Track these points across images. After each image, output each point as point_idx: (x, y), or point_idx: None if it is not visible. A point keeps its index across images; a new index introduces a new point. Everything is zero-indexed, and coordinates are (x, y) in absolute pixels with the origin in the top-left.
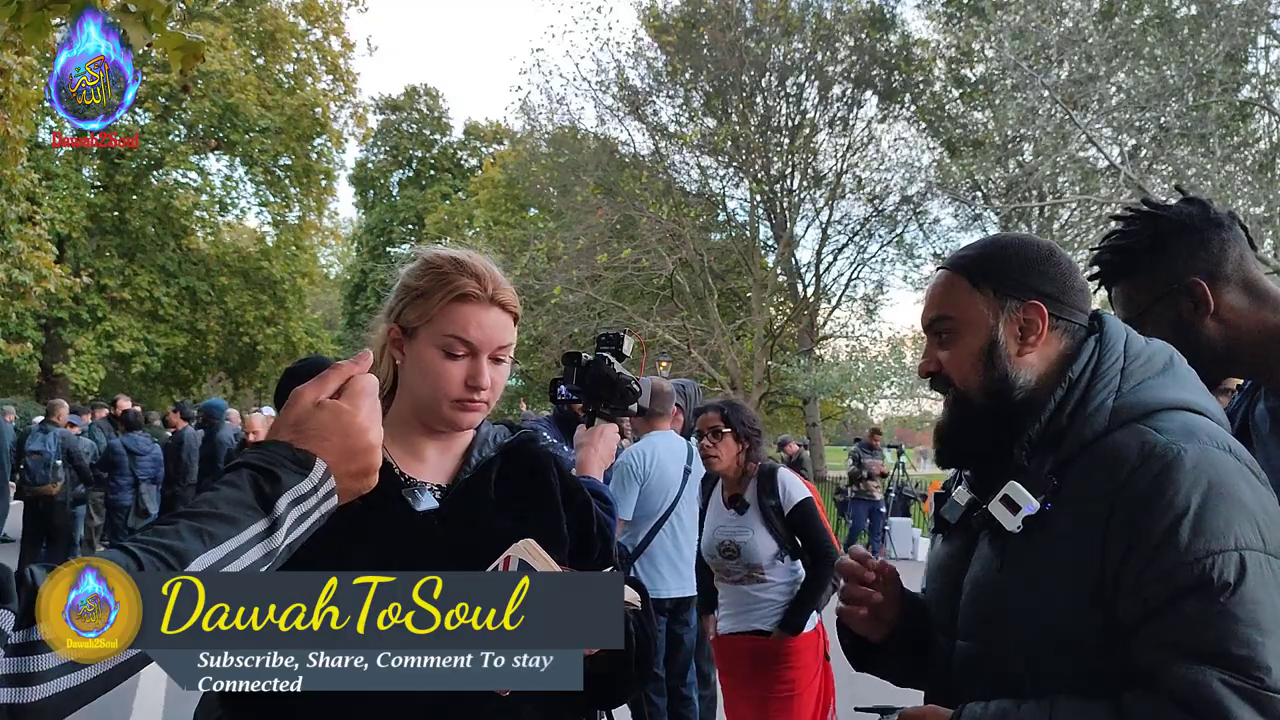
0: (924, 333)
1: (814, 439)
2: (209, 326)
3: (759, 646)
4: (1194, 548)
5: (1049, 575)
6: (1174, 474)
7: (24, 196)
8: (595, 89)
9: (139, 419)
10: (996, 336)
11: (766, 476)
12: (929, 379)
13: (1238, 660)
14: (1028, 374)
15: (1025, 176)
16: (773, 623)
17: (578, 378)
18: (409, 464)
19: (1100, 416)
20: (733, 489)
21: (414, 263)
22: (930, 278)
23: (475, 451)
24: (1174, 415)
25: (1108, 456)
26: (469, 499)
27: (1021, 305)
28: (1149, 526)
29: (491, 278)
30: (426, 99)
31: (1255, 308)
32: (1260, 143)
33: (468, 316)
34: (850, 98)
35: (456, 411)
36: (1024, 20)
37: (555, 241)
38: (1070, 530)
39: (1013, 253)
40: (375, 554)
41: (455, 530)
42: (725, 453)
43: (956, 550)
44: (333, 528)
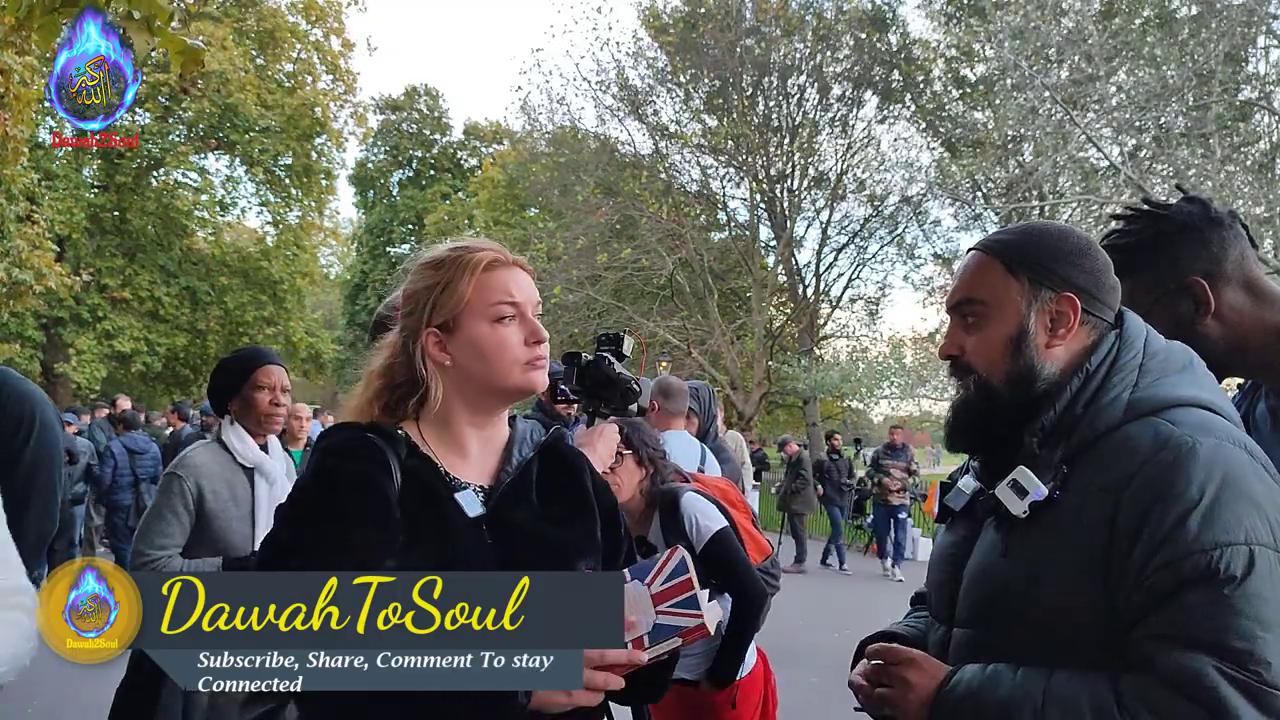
0: (949, 313)
1: (814, 439)
2: (209, 326)
3: (685, 696)
4: (1203, 539)
5: (1053, 562)
6: (1187, 465)
7: (24, 196)
8: (595, 89)
9: (137, 419)
10: (1027, 326)
11: (669, 511)
12: (949, 361)
13: (1236, 653)
14: (1052, 366)
15: (1025, 176)
16: (700, 672)
17: (578, 378)
18: (453, 463)
19: (1115, 408)
20: (636, 529)
21: (413, 271)
22: (962, 258)
23: (515, 450)
24: (1190, 411)
25: (1120, 447)
26: (514, 503)
27: (1056, 296)
28: (1159, 515)
29: (500, 247)
30: (426, 99)
31: (1256, 307)
32: (1260, 143)
33: (504, 280)
34: (850, 98)
35: (529, 372)
36: (1024, 20)
37: (555, 241)
38: (1078, 518)
39: (1052, 242)
40: (435, 560)
41: (501, 536)
42: (626, 479)
43: (960, 539)
44: (385, 529)
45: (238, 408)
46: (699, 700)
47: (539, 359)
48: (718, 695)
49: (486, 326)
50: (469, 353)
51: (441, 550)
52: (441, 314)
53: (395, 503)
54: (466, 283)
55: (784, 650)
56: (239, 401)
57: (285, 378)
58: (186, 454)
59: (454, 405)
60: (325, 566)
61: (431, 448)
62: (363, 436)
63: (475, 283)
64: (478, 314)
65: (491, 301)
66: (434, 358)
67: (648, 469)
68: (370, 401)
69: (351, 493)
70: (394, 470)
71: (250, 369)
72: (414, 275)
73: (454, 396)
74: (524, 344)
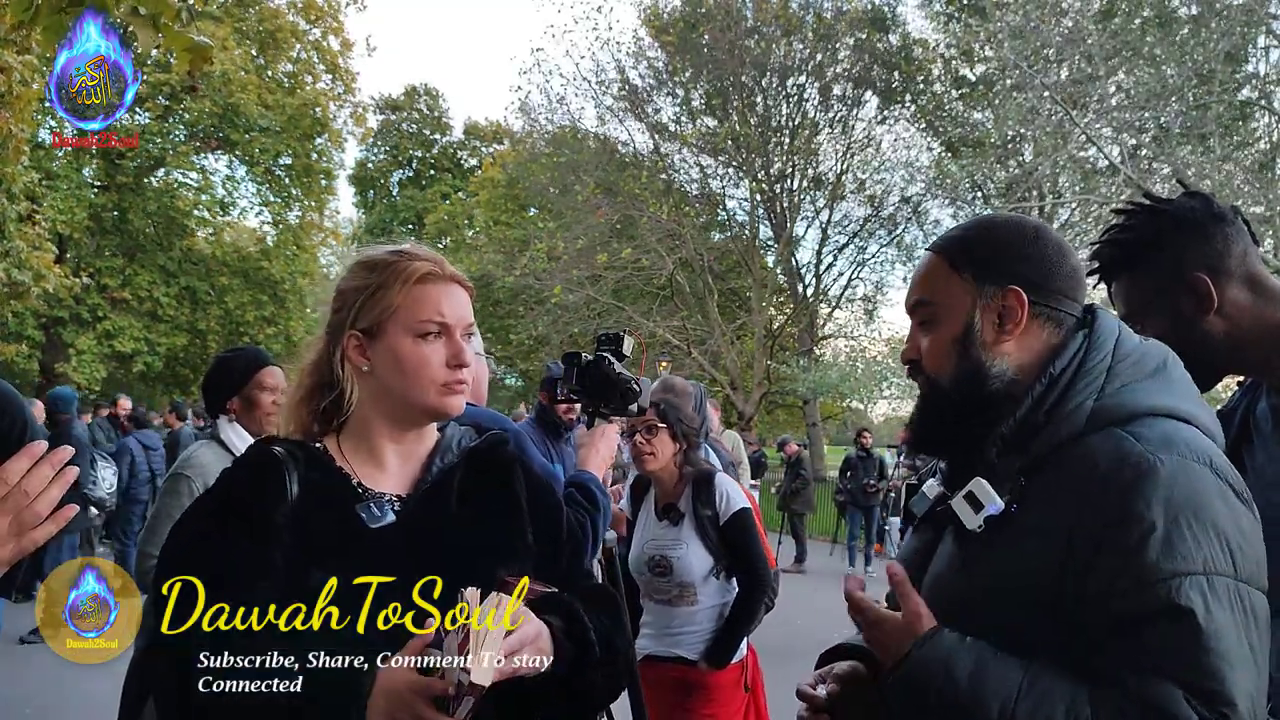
0: (909, 316)
1: (814, 439)
2: (209, 326)
3: (681, 676)
4: (1162, 567)
5: (1008, 577)
6: (1146, 486)
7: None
8: (595, 89)
9: (147, 416)
10: (973, 322)
11: (704, 483)
12: (909, 366)
13: (1205, 693)
14: (1003, 364)
15: (1025, 176)
16: (699, 651)
17: (578, 378)
18: (370, 474)
19: (1078, 417)
20: (667, 496)
21: (350, 267)
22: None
23: (437, 458)
24: (1156, 422)
25: (1080, 461)
26: (429, 510)
27: (1001, 291)
28: (1117, 538)
29: (440, 259)
30: (426, 99)
31: (1258, 304)
32: (1260, 143)
33: (435, 296)
34: (850, 98)
35: (444, 396)
36: (1024, 20)
37: (555, 241)
38: (1035, 534)
39: (997, 234)
40: (334, 574)
41: (415, 544)
42: (661, 450)
43: (922, 545)
44: (292, 546)
45: (239, 406)
46: (691, 680)
47: (458, 382)
48: (712, 674)
49: (409, 341)
50: (387, 363)
51: (343, 561)
52: (366, 319)
53: (285, 523)
54: (397, 292)
55: (784, 650)
56: (241, 401)
57: (284, 379)
58: (191, 454)
59: (372, 415)
60: (212, 586)
61: (348, 460)
62: (265, 451)
63: (405, 293)
64: (402, 326)
65: (419, 316)
66: (353, 361)
67: (681, 443)
68: (300, 403)
69: (233, 519)
70: (290, 487)
71: (254, 369)
72: (349, 272)
73: (371, 406)
74: (444, 365)
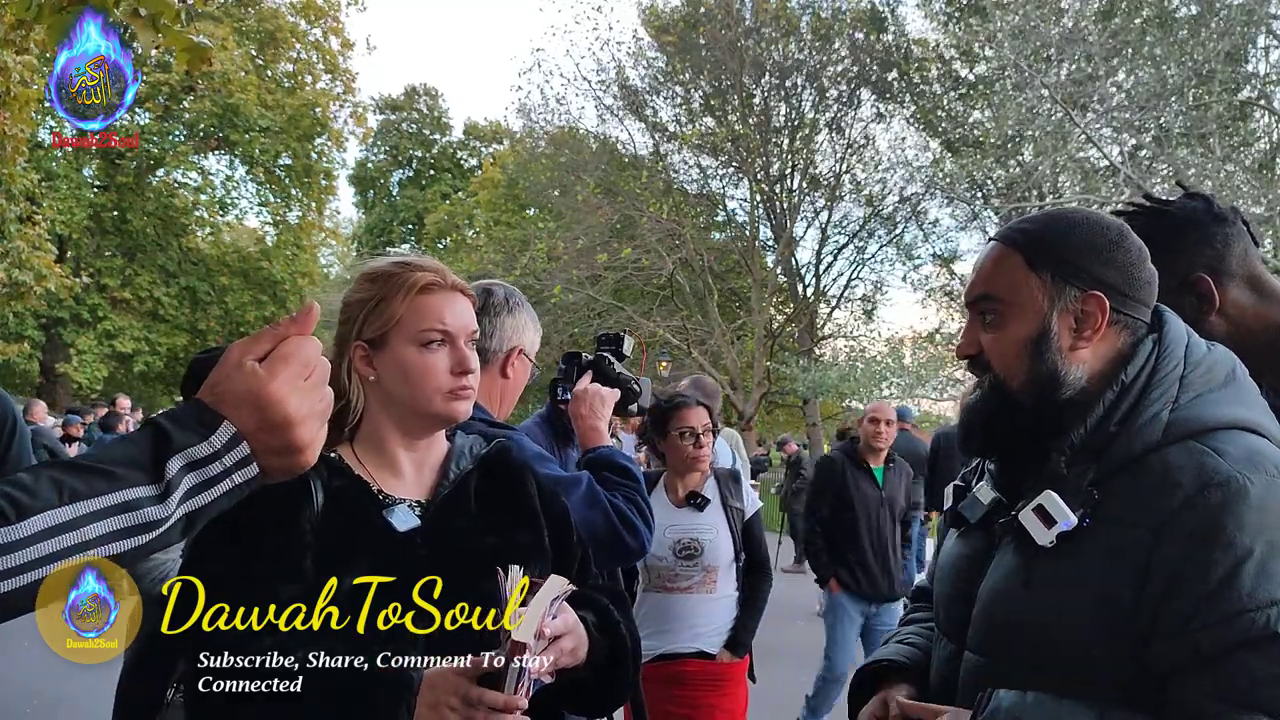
0: (967, 308)
1: (814, 439)
2: (209, 326)
3: (699, 670)
4: (1258, 595)
5: (1077, 598)
6: (1237, 509)
7: (24, 196)
8: (595, 89)
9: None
10: (1049, 326)
11: (732, 478)
12: (967, 361)
13: None
14: (1079, 371)
15: (1025, 176)
16: (720, 643)
17: (578, 377)
18: (387, 481)
19: (1154, 428)
20: (688, 485)
21: (356, 280)
22: (982, 248)
23: (453, 464)
24: (1235, 436)
25: (1159, 475)
26: (450, 514)
27: (1081, 295)
28: (1205, 565)
29: (443, 268)
30: (426, 99)
31: (1259, 304)
32: (1260, 143)
33: (438, 305)
34: (849, 97)
35: (450, 402)
36: (1024, 20)
37: (555, 241)
38: (1108, 552)
39: (1080, 234)
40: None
41: (438, 548)
42: (711, 448)
43: (974, 553)
44: (321, 551)
45: None
46: (716, 674)
47: (464, 389)
48: (739, 666)
49: (414, 350)
50: (393, 373)
51: (373, 566)
52: (371, 330)
53: (312, 529)
54: (399, 302)
55: (783, 649)
56: None
57: None
58: None
59: (383, 423)
60: (229, 590)
61: (366, 468)
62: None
63: (408, 304)
64: (406, 336)
65: (421, 326)
66: (359, 371)
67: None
68: None
69: (258, 526)
70: (315, 495)
71: None
72: (355, 285)
73: (382, 414)
74: (449, 372)
